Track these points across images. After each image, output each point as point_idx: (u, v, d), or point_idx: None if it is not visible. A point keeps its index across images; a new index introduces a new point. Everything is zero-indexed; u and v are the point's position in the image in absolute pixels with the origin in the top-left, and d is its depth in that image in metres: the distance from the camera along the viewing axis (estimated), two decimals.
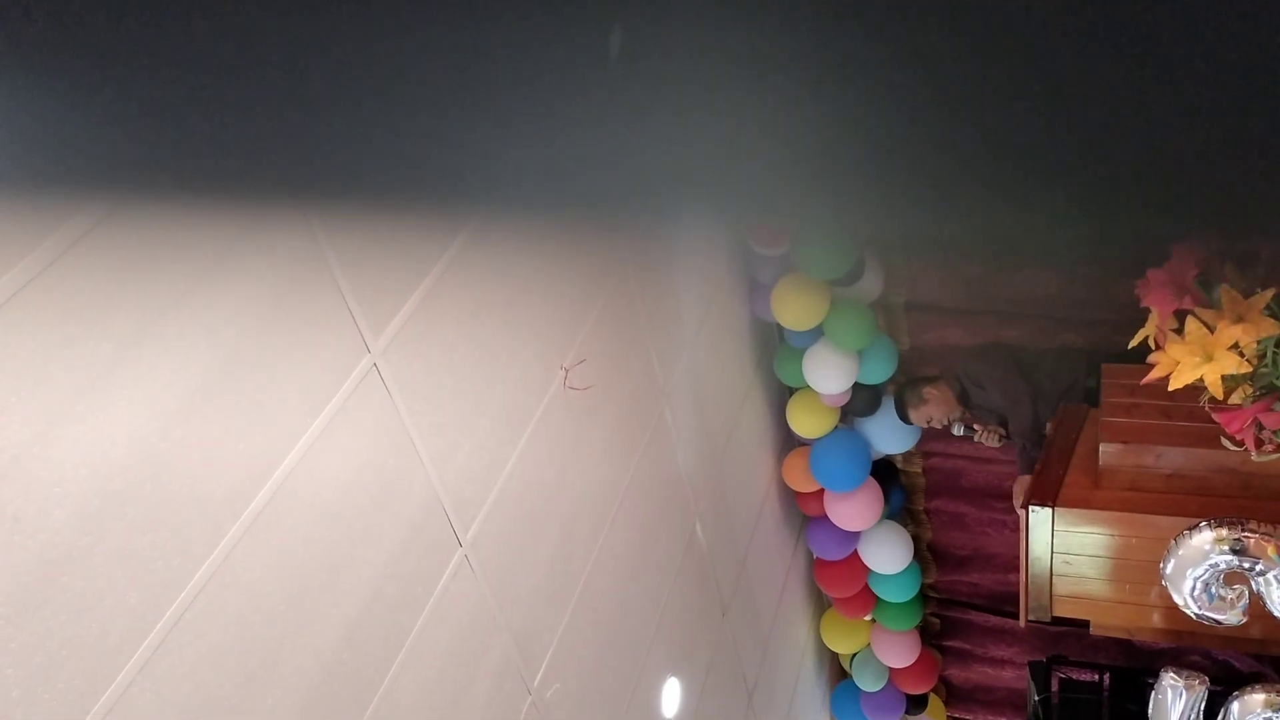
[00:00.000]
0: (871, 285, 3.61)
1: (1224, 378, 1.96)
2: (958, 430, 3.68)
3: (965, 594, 4.69)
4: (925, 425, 3.76)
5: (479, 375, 2.22)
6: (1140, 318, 2.44)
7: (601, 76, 0.32)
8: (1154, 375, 2.09)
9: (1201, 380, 2.01)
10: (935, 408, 3.66)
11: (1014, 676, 4.73)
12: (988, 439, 3.64)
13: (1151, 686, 3.30)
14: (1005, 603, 4.54)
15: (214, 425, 1.59)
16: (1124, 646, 4.26)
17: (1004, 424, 3.64)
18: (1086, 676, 3.96)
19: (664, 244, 3.18)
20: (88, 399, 1.38)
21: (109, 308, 1.41)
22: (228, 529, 1.61)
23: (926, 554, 4.57)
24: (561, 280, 2.57)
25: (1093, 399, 3.28)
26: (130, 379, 1.44)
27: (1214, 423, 2.60)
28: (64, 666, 1.37)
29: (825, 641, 4.73)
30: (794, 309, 3.51)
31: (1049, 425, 3.42)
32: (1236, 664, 4.21)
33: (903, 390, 3.75)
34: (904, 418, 3.78)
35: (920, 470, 4.37)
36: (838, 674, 4.99)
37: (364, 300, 1.87)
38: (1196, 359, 1.98)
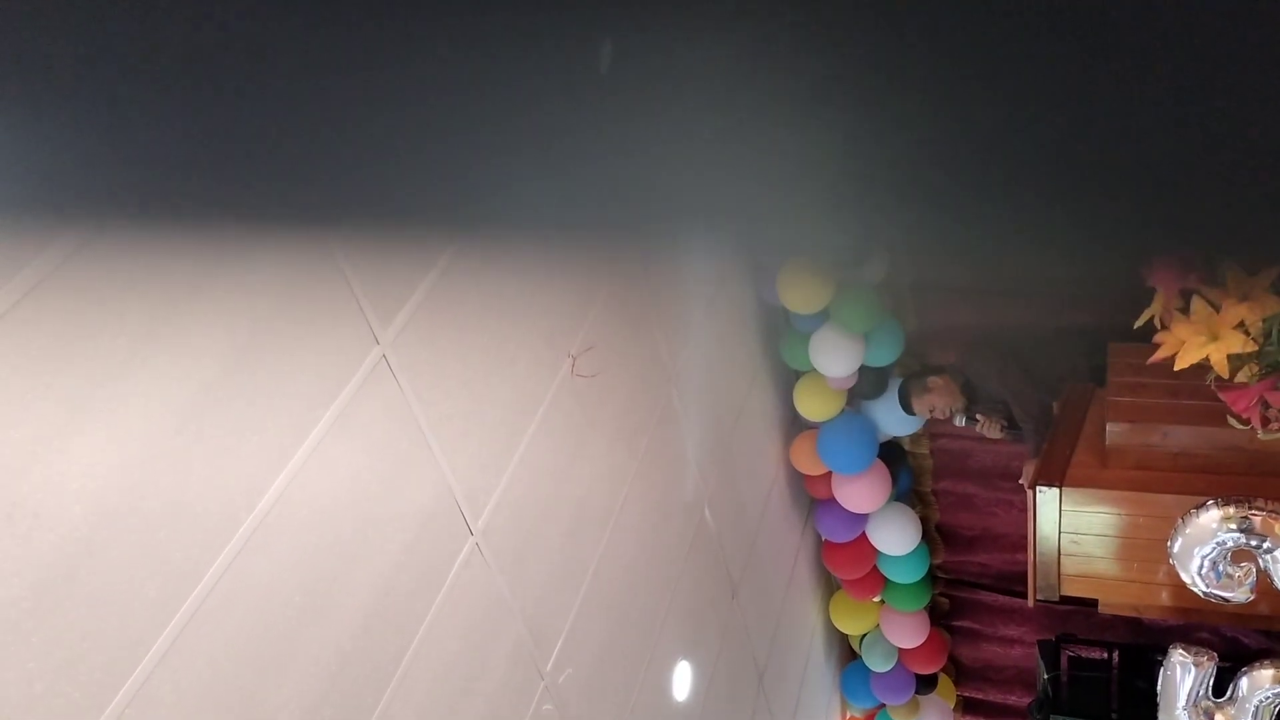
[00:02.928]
0: (877, 267, 3.61)
1: (1230, 357, 1.97)
2: (960, 420, 3.70)
3: (974, 574, 4.71)
4: (928, 415, 3.79)
5: (487, 364, 2.24)
6: (1146, 294, 2.44)
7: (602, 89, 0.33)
8: (1160, 355, 2.10)
9: (1207, 359, 2.01)
10: (939, 397, 3.69)
11: (1023, 655, 4.75)
12: (989, 430, 3.65)
13: (1160, 663, 3.32)
14: (1014, 582, 4.56)
15: (226, 420, 1.60)
16: (1132, 625, 4.27)
17: (1008, 416, 3.65)
18: (1095, 654, 3.97)
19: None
20: (105, 394, 1.40)
21: (119, 309, 1.42)
22: (243, 520, 1.63)
23: (935, 535, 4.58)
24: (566, 266, 2.58)
25: (1099, 378, 3.28)
26: (144, 376, 1.46)
27: (1220, 401, 2.61)
28: (84, 660, 1.39)
29: (834, 623, 4.76)
30: (800, 292, 3.52)
31: (1055, 406, 3.43)
32: (1245, 640, 4.22)
33: (907, 382, 3.77)
34: (907, 408, 3.80)
35: (928, 452, 4.38)
36: (847, 655, 5.02)
37: (372, 292, 1.89)
38: (1202, 338, 1.98)
